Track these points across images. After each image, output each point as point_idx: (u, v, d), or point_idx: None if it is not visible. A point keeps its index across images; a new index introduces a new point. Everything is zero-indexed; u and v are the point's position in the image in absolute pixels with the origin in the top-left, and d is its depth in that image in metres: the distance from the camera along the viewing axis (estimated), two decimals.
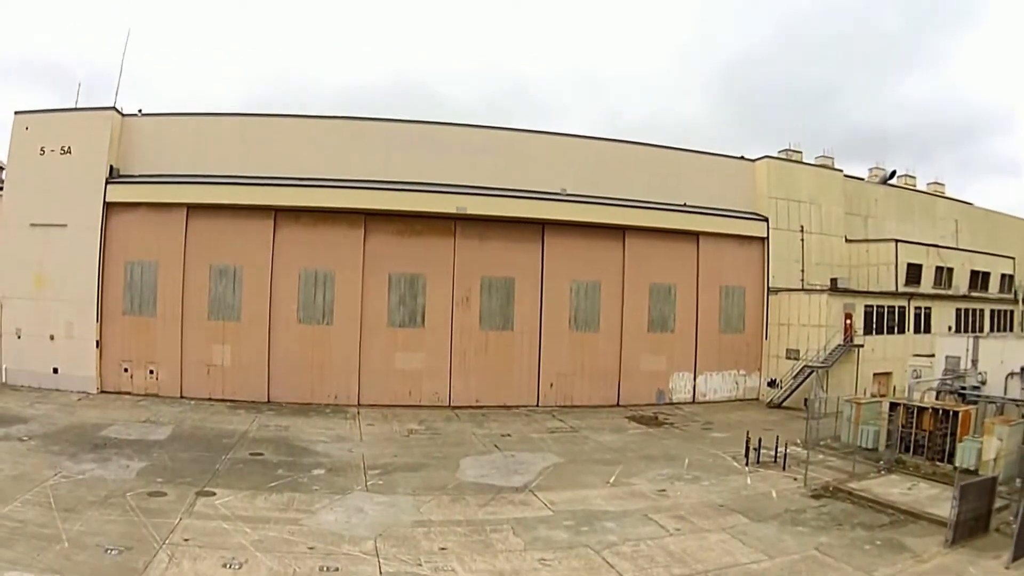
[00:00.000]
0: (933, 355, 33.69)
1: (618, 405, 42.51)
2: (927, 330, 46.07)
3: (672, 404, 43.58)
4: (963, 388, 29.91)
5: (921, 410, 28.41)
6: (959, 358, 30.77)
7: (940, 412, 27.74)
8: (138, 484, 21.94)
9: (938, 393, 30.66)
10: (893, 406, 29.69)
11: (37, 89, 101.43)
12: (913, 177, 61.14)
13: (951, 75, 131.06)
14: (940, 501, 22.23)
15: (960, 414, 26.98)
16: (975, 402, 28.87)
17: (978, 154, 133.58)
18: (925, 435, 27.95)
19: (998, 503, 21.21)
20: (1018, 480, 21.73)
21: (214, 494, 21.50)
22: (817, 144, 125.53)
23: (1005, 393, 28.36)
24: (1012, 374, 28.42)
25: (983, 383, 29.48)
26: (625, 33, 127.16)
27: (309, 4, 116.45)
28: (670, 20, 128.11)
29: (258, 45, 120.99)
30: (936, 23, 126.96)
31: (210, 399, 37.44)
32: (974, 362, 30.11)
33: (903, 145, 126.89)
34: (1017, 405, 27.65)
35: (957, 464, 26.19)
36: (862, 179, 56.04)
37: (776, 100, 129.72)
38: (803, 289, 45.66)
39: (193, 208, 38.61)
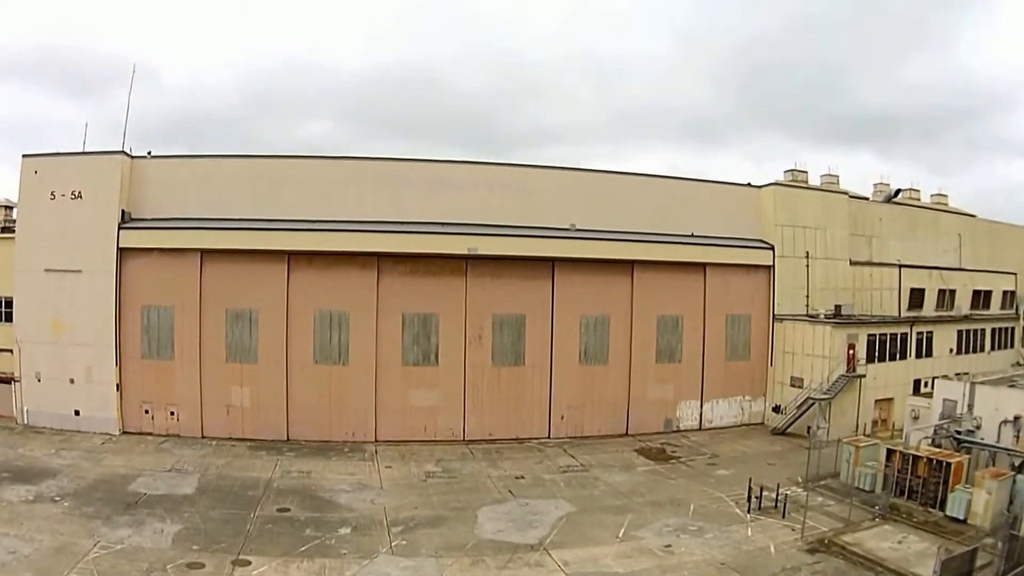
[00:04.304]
0: (931, 394, 34.82)
1: (627, 434, 43.84)
2: (929, 354, 47.06)
3: (679, 432, 44.86)
4: (958, 432, 31.00)
5: (916, 457, 29.55)
6: (955, 402, 31.86)
7: (934, 461, 28.87)
8: (176, 553, 23.34)
9: (934, 437, 31.74)
10: (890, 453, 30.78)
11: (38, 86, 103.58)
12: (917, 191, 61.88)
13: (958, 54, 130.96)
14: (927, 558, 23.43)
15: (953, 465, 28.10)
16: (969, 448, 29.98)
17: (985, 133, 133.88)
18: (920, 481, 29.13)
19: (981, 560, 22.45)
20: (999, 542, 22.81)
21: (249, 563, 22.94)
22: (823, 129, 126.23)
23: (998, 440, 29.48)
24: (1005, 422, 29.52)
25: (978, 427, 30.58)
26: (631, 16, 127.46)
27: None
28: (676, 3, 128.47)
29: (259, 33, 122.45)
30: (942, 2, 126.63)
31: (231, 439, 38.83)
32: (970, 407, 31.21)
33: (910, 126, 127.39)
34: (1009, 454, 28.75)
35: (947, 513, 27.48)
36: (867, 198, 56.80)
37: (783, 84, 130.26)
38: (808, 318, 46.48)
39: (207, 252, 39.61)
